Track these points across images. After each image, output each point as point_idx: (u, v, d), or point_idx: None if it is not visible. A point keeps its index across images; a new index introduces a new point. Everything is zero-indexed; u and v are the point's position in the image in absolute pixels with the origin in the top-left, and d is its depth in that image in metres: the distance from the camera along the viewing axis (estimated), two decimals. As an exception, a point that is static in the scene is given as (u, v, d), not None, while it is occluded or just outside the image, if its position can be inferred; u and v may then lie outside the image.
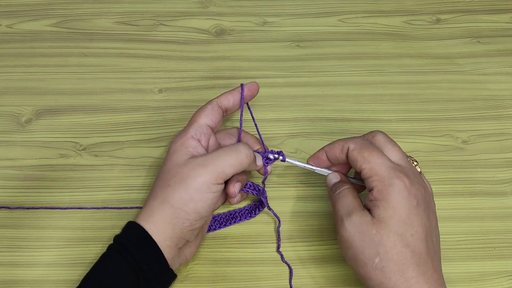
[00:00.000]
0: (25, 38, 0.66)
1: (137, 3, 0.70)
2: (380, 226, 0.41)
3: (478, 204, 0.54)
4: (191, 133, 0.46)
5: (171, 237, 0.42)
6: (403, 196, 0.42)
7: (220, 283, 0.49)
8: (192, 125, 0.47)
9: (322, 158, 0.48)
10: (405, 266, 0.41)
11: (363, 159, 0.44)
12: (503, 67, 0.65)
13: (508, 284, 0.49)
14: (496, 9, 0.70)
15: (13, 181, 0.54)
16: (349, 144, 0.45)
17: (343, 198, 0.45)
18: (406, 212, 0.42)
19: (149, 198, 0.44)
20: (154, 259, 0.42)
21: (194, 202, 0.43)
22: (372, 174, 0.43)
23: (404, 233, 0.41)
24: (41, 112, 0.60)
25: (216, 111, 0.48)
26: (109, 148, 0.57)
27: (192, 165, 0.43)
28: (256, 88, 0.51)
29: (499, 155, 0.58)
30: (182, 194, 0.43)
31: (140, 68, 0.64)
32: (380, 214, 0.42)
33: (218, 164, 0.43)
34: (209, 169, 0.43)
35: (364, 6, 0.70)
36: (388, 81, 0.63)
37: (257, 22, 0.68)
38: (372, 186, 0.43)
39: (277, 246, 0.51)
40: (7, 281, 0.49)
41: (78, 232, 0.51)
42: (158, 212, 0.43)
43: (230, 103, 0.49)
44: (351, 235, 0.42)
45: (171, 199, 0.43)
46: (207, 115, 0.48)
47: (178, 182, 0.43)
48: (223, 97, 0.49)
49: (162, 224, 0.42)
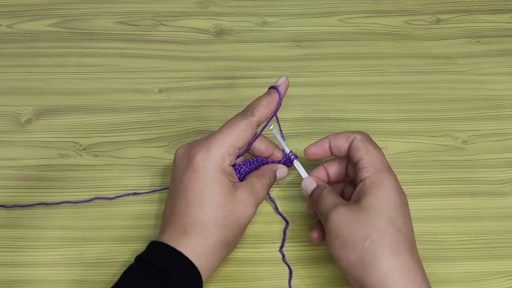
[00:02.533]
0: (25, 38, 0.66)
1: (137, 3, 0.70)
2: (370, 211, 0.41)
3: (478, 204, 0.54)
4: (226, 160, 0.43)
5: (215, 270, 0.44)
6: (396, 189, 0.43)
7: (220, 283, 0.49)
8: (227, 149, 0.43)
9: (324, 146, 0.48)
10: (400, 248, 0.40)
11: (366, 150, 0.45)
12: (503, 67, 0.65)
13: (508, 284, 0.49)
14: (496, 9, 0.70)
15: (13, 181, 0.54)
16: (357, 135, 0.46)
17: (326, 199, 0.45)
18: (398, 202, 0.42)
19: (197, 233, 0.42)
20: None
21: (241, 235, 0.46)
22: (369, 165, 0.44)
23: (396, 220, 0.41)
24: (41, 112, 0.60)
25: (250, 132, 0.45)
26: (109, 148, 0.57)
27: (243, 202, 0.44)
28: (286, 86, 0.47)
29: (499, 155, 0.58)
30: (236, 233, 0.44)
31: (140, 68, 0.64)
32: (370, 201, 0.42)
33: (259, 201, 0.46)
34: (256, 207, 0.45)
35: (364, 6, 0.70)
36: (388, 81, 0.63)
37: (257, 22, 0.68)
38: (366, 176, 0.43)
39: (280, 246, 0.51)
40: (7, 281, 0.49)
41: (78, 232, 0.51)
42: (212, 251, 0.42)
43: (267, 118, 0.47)
44: (338, 224, 0.42)
45: (227, 239, 0.43)
46: (244, 141, 0.45)
47: (234, 222, 0.43)
48: (263, 115, 0.45)
49: (214, 262, 0.43)
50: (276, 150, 0.50)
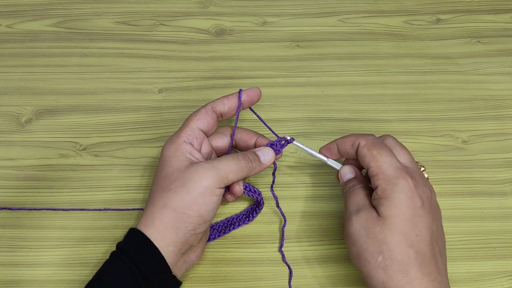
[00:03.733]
0: (25, 38, 0.66)
1: (137, 3, 0.70)
2: (384, 224, 0.41)
3: (478, 204, 0.54)
4: (183, 137, 0.46)
5: (174, 242, 0.42)
6: (407, 196, 0.41)
7: (220, 283, 0.49)
8: (184, 129, 0.47)
9: (333, 150, 0.48)
10: (408, 267, 0.40)
11: (371, 157, 0.44)
12: (503, 67, 0.65)
13: (508, 284, 0.49)
14: (496, 9, 0.70)
15: (13, 181, 0.54)
16: (360, 140, 0.45)
17: (355, 196, 0.44)
18: (410, 212, 0.41)
19: (148, 204, 0.44)
20: (156, 265, 0.41)
21: (197, 205, 0.42)
22: (378, 172, 0.43)
23: (408, 233, 0.41)
24: (41, 112, 0.60)
25: (210, 115, 0.48)
26: (109, 148, 0.57)
27: (194, 169, 0.43)
28: (256, 94, 0.49)
29: (499, 155, 0.58)
30: (184, 198, 0.42)
31: (140, 68, 0.64)
32: (384, 212, 0.41)
33: (221, 168, 0.43)
34: (213, 173, 0.43)
35: (364, 6, 0.70)
36: (388, 81, 0.63)
37: (257, 22, 0.68)
38: (377, 185, 0.42)
39: (279, 246, 0.51)
40: (7, 281, 0.49)
41: (78, 232, 0.51)
42: (159, 217, 0.42)
43: (225, 108, 0.48)
44: (357, 231, 0.42)
45: (173, 203, 0.42)
46: (199, 119, 0.47)
47: (180, 186, 0.42)
48: (218, 101, 0.48)
49: (164, 229, 0.42)
50: (259, 137, 0.50)
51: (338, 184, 0.55)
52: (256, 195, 0.50)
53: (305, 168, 0.56)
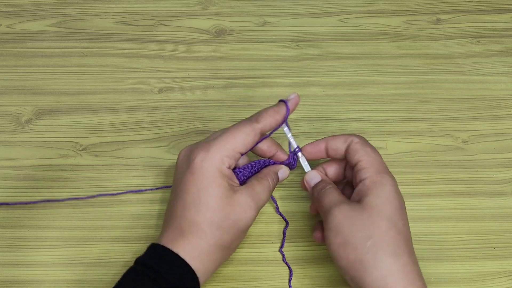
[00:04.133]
0: (25, 38, 0.66)
1: (137, 3, 0.70)
2: (372, 211, 0.41)
3: (478, 204, 0.54)
4: (225, 163, 0.43)
5: (211, 273, 0.44)
6: (395, 190, 0.43)
7: (220, 283, 0.49)
8: (228, 152, 0.43)
9: (320, 147, 0.48)
10: (400, 251, 0.40)
11: (364, 152, 0.45)
12: (503, 67, 0.65)
13: (508, 284, 0.49)
14: (496, 9, 0.70)
15: (13, 181, 0.54)
16: (354, 138, 0.47)
17: (330, 194, 0.45)
18: (397, 202, 0.43)
19: (194, 234, 0.42)
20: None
21: (239, 240, 0.45)
22: (369, 165, 0.44)
23: (397, 221, 0.41)
24: (41, 112, 0.60)
25: (252, 138, 0.45)
26: (109, 148, 0.57)
27: (241, 205, 0.43)
28: (296, 103, 0.47)
29: (499, 155, 0.58)
30: (233, 237, 0.43)
31: (140, 68, 0.64)
32: (372, 200, 0.42)
33: (260, 204, 0.45)
34: (256, 210, 0.44)
35: (364, 6, 0.70)
36: (388, 81, 0.63)
37: (257, 22, 0.68)
38: (366, 176, 0.44)
39: (280, 246, 0.51)
40: (7, 281, 0.49)
41: (78, 232, 0.51)
42: (207, 253, 0.42)
43: (270, 127, 0.46)
44: (340, 222, 0.42)
45: (223, 242, 0.43)
46: (245, 145, 0.44)
47: (231, 225, 0.43)
48: (267, 124, 0.45)
49: (210, 265, 0.43)
50: (279, 150, 0.49)
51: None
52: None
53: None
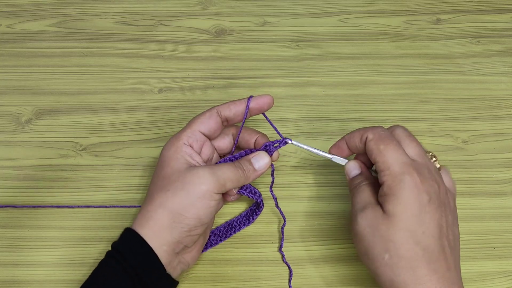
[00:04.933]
0: (25, 38, 0.66)
1: (137, 3, 0.70)
2: (390, 221, 0.41)
3: (478, 204, 0.54)
4: (183, 139, 0.46)
5: (168, 242, 0.42)
6: (413, 193, 0.41)
7: (220, 283, 0.49)
8: (185, 130, 0.46)
9: (343, 147, 0.47)
10: (416, 263, 0.40)
11: (378, 151, 0.43)
12: (503, 67, 0.65)
13: (508, 284, 0.49)
14: (496, 9, 0.70)
15: (13, 181, 0.55)
16: (368, 134, 0.44)
17: (361, 193, 0.44)
18: (416, 209, 0.41)
19: (144, 203, 0.44)
20: (150, 264, 0.41)
21: (195, 208, 0.43)
22: (384, 168, 0.42)
23: (415, 230, 0.40)
24: (41, 112, 0.60)
25: (214, 119, 0.47)
26: (109, 148, 0.57)
27: (195, 172, 0.43)
28: (266, 102, 0.47)
29: (499, 155, 0.58)
30: (183, 200, 0.42)
31: (140, 68, 0.64)
32: (390, 209, 0.41)
33: (220, 176, 0.44)
34: (212, 179, 0.43)
35: (364, 6, 0.70)
36: (388, 81, 0.63)
37: (257, 22, 0.68)
38: (383, 181, 0.42)
39: (279, 246, 0.51)
40: (7, 281, 0.49)
41: (78, 232, 0.51)
42: (154, 216, 0.42)
43: (231, 113, 0.47)
44: (363, 229, 0.42)
45: (170, 204, 0.42)
46: (202, 122, 0.47)
47: (179, 188, 0.43)
48: (225, 106, 0.48)
49: (159, 229, 0.42)
50: (259, 136, 0.49)
51: (339, 184, 0.55)
52: (256, 197, 0.49)
53: (305, 168, 0.56)
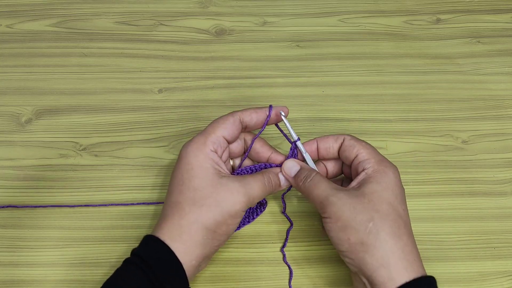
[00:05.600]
0: (25, 38, 0.66)
1: (137, 3, 0.70)
2: (373, 196, 0.42)
3: (478, 204, 0.54)
4: (209, 145, 0.44)
5: (198, 257, 0.42)
6: (396, 177, 0.44)
7: (220, 283, 0.49)
8: (210, 136, 0.45)
9: (311, 147, 0.48)
10: (400, 232, 0.41)
11: (361, 146, 0.46)
12: (503, 67, 0.65)
13: (508, 284, 0.49)
14: (496, 9, 0.70)
15: (13, 181, 0.54)
16: (345, 136, 0.47)
17: (319, 183, 0.44)
18: (399, 190, 0.44)
19: (174, 214, 0.42)
20: (177, 280, 0.41)
21: (226, 226, 0.43)
22: (370, 156, 0.45)
23: (397, 206, 0.42)
24: (41, 112, 0.60)
25: (236, 126, 0.46)
26: (109, 148, 0.57)
27: (229, 188, 0.43)
28: (284, 111, 0.48)
29: (499, 155, 0.58)
30: (217, 217, 0.42)
31: (140, 68, 0.64)
32: (372, 187, 0.43)
33: (251, 193, 0.44)
34: (244, 197, 0.43)
35: (364, 6, 0.70)
36: (388, 81, 0.63)
37: (257, 22, 0.68)
38: (369, 166, 0.44)
39: (282, 246, 0.51)
40: (7, 281, 0.49)
41: (78, 232, 0.51)
42: (189, 231, 0.42)
43: (252, 121, 0.47)
44: (340, 208, 0.42)
45: (205, 220, 0.42)
46: (226, 128, 0.45)
47: (214, 205, 0.42)
48: (247, 114, 0.47)
49: (192, 245, 0.42)
50: (273, 152, 0.49)
51: (338, 184, 0.55)
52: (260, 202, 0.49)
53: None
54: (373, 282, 0.40)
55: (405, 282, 0.39)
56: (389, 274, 0.40)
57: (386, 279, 0.39)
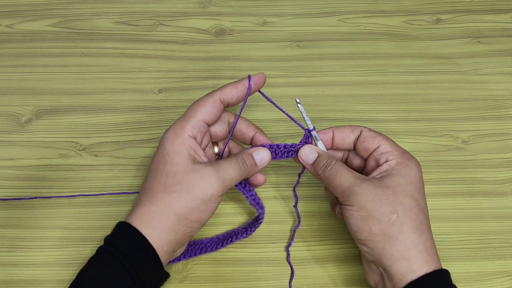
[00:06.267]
0: (25, 38, 0.66)
1: (137, 3, 0.70)
2: (396, 189, 0.42)
3: (478, 204, 0.54)
4: (187, 131, 0.44)
5: (170, 243, 0.42)
6: (419, 171, 0.45)
7: (220, 283, 0.49)
8: (189, 120, 0.44)
9: (327, 136, 0.47)
10: (422, 227, 0.42)
11: (383, 137, 0.46)
12: (503, 67, 0.65)
13: (508, 284, 0.49)
14: (496, 9, 0.70)
15: (13, 181, 0.54)
16: (363, 127, 0.47)
17: (341, 172, 0.44)
18: (421, 184, 0.44)
19: (146, 200, 0.42)
20: (151, 264, 0.41)
21: (199, 212, 0.42)
22: (392, 149, 0.45)
23: (419, 200, 0.43)
24: (41, 112, 0.60)
25: (217, 107, 0.45)
26: (109, 148, 0.57)
27: (201, 174, 0.42)
28: (263, 80, 0.47)
29: (499, 155, 0.58)
30: (188, 203, 0.42)
31: (140, 68, 0.64)
32: (396, 180, 0.43)
33: (226, 178, 0.43)
34: (218, 182, 0.43)
35: (364, 6, 0.70)
36: (388, 81, 0.63)
37: (257, 22, 0.68)
38: (391, 159, 0.44)
39: (287, 244, 0.51)
40: (7, 281, 0.49)
41: (78, 232, 0.51)
42: (159, 217, 0.41)
43: (233, 98, 0.46)
44: (364, 197, 0.42)
45: (175, 207, 0.41)
46: (207, 111, 0.45)
47: (185, 190, 0.42)
48: (226, 91, 0.45)
49: (163, 230, 0.41)
50: (258, 132, 0.48)
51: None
52: (258, 207, 0.48)
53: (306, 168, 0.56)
54: (391, 273, 0.41)
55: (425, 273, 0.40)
56: (409, 266, 0.40)
57: (406, 271, 0.40)
